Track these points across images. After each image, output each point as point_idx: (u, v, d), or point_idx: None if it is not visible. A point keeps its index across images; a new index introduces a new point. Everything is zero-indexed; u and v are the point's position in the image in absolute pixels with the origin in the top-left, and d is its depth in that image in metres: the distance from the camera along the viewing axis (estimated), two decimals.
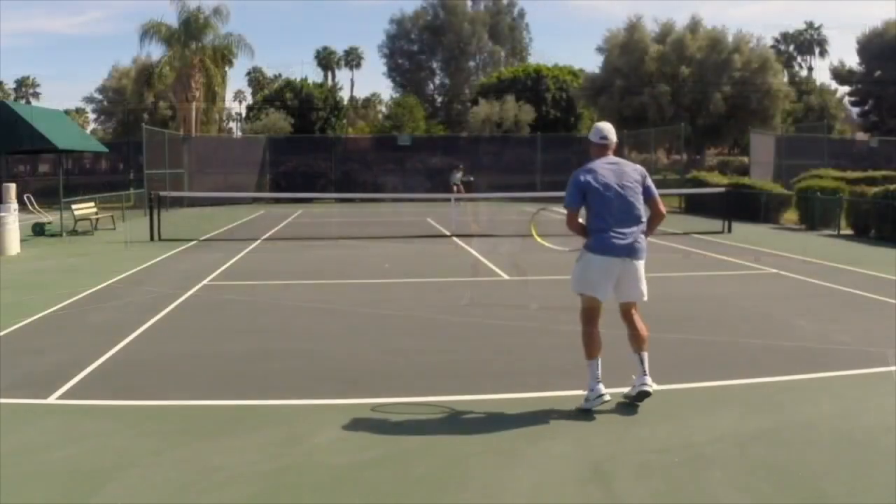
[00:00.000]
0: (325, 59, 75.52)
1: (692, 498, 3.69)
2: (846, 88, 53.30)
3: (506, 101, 40.59)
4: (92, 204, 20.00)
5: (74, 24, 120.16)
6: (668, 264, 11.90)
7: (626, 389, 5.05)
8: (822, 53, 66.71)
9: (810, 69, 65.69)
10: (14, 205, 14.72)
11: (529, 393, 5.36)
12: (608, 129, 5.08)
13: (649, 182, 5.01)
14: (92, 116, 62.67)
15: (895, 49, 45.84)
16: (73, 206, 18.43)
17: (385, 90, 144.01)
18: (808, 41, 66.26)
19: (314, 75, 67.78)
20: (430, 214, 23.84)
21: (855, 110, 54.05)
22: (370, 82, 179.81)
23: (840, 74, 51.81)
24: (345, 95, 67.29)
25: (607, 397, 4.83)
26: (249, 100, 74.27)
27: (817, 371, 5.89)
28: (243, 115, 65.37)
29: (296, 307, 8.84)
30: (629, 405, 4.96)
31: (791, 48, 65.26)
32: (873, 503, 3.67)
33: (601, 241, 4.83)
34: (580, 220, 4.97)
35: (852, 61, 51.31)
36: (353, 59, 79.17)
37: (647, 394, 4.89)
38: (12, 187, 15.11)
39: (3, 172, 29.81)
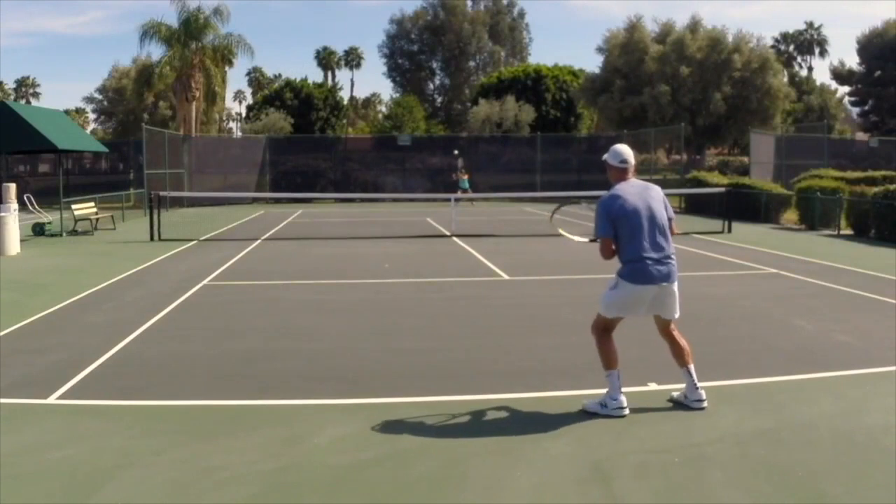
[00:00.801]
0: (325, 59, 75.57)
1: (692, 498, 3.69)
2: (846, 88, 53.37)
3: (506, 101, 40.58)
4: (92, 204, 20.00)
5: (74, 24, 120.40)
6: None
7: (630, 389, 5.05)
8: (822, 53, 66.83)
9: (810, 69, 65.80)
10: (14, 205, 14.72)
11: (529, 393, 5.35)
12: (627, 151, 4.96)
13: (669, 206, 4.96)
14: (92, 116, 62.83)
15: (895, 49, 45.87)
16: (73, 206, 18.43)
17: (385, 90, 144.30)
18: (808, 41, 66.29)
19: (315, 75, 67.88)
20: (429, 214, 23.86)
21: (855, 110, 54.10)
22: (370, 82, 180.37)
23: (840, 74, 51.84)
24: (345, 95, 67.40)
25: (626, 412, 4.78)
26: (249, 100, 74.55)
27: (817, 371, 5.89)
28: (243, 115, 65.59)
29: (296, 307, 8.83)
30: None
31: (791, 48, 65.28)
32: (873, 503, 3.66)
33: (638, 271, 4.73)
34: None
35: (852, 61, 51.43)
36: (353, 59, 79.24)
37: (700, 402, 4.92)
38: (12, 187, 15.11)
39: (3, 172, 29.83)
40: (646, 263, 4.73)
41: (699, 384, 4.95)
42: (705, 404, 4.91)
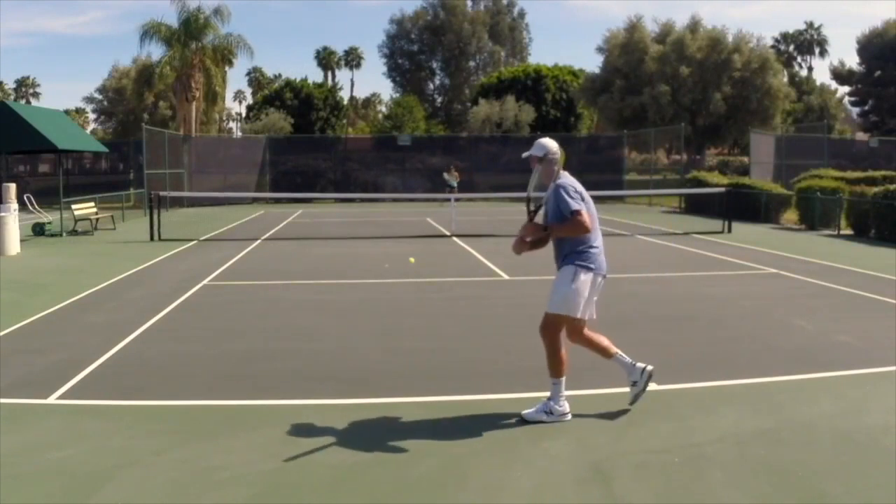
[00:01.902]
0: (325, 59, 75.58)
1: (692, 498, 3.69)
2: (846, 88, 53.37)
3: (506, 101, 40.57)
4: (92, 204, 20.00)
5: (74, 24, 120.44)
6: (669, 264, 11.90)
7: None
8: (822, 53, 66.81)
9: (810, 69, 65.78)
10: (14, 205, 14.72)
11: (529, 393, 5.34)
12: (555, 143, 4.95)
13: None
14: (92, 116, 62.82)
15: (895, 49, 45.87)
16: (73, 206, 18.43)
17: (385, 90, 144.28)
18: (808, 41, 66.27)
19: (315, 75, 67.87)
20: (429, 214, 23.86)
21: (855, 110, 54.09)
22: (370, 82, 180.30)
23: (840, 74, 51.83)
24: (345, 95, 67.40)
25: (569, 417, 4.77)
26: (249, 100, 74.55)
27: (817, 371, 5.89)
28: (243, 115, 65.59)
29: (296, 307, 8.83)
30: (628, 405, 4.96)
31: (791, 48, 65.27)
32: (873, 503, 3.66)
33: (597, 258, 4.74)
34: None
35: (852, 61, 51.43)
36: (353, 59, 79.26)
37: (650, 374, 4.88)
38: (12, 187, 15.11)
39: (3, 172, 29.82)
40: (601, 251, 4.79)
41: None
42: (650, 367, 4.89)
